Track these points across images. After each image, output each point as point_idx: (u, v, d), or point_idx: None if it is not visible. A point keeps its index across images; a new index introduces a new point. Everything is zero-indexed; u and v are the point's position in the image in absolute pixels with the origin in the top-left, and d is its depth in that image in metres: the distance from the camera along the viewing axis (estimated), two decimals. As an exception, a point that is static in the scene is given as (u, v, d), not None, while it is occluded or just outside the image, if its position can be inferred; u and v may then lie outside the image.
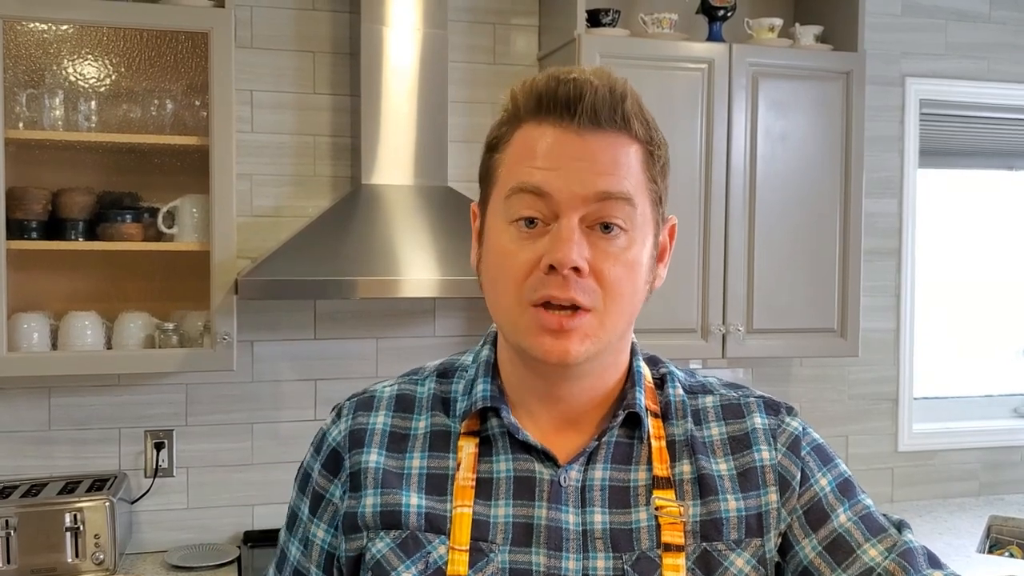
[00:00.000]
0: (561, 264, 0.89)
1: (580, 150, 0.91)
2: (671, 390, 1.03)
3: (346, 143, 2.83)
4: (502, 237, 0.94)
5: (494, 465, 0.98)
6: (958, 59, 3.37)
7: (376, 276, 2.45)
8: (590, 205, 0.91)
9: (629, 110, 0.94)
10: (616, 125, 0.93)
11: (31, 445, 2.65)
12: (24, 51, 2.52)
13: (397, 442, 1.01)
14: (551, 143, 0.92)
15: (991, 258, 3.64)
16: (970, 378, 3.62)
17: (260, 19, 2.77)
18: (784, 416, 1.03)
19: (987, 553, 3.01)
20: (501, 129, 0.97)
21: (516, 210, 0.92)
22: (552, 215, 0.91)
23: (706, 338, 2.79)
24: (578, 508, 0.95)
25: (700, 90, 2.76)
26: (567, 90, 0.92)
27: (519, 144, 0.94)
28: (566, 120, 0.92)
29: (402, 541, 0.96)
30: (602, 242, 0.91)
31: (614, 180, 0.91)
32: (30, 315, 2.45)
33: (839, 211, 2.89)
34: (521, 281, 0.92)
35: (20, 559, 2.35)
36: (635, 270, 0.93)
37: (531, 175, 0.92)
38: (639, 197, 0.93)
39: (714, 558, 0.95)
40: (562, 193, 0.90)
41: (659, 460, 0.98)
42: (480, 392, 0.99)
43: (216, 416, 2.78)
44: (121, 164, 2.64)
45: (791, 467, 0.99)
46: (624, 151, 0.93)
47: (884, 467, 3.37)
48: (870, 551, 0.95)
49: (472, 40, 2.93)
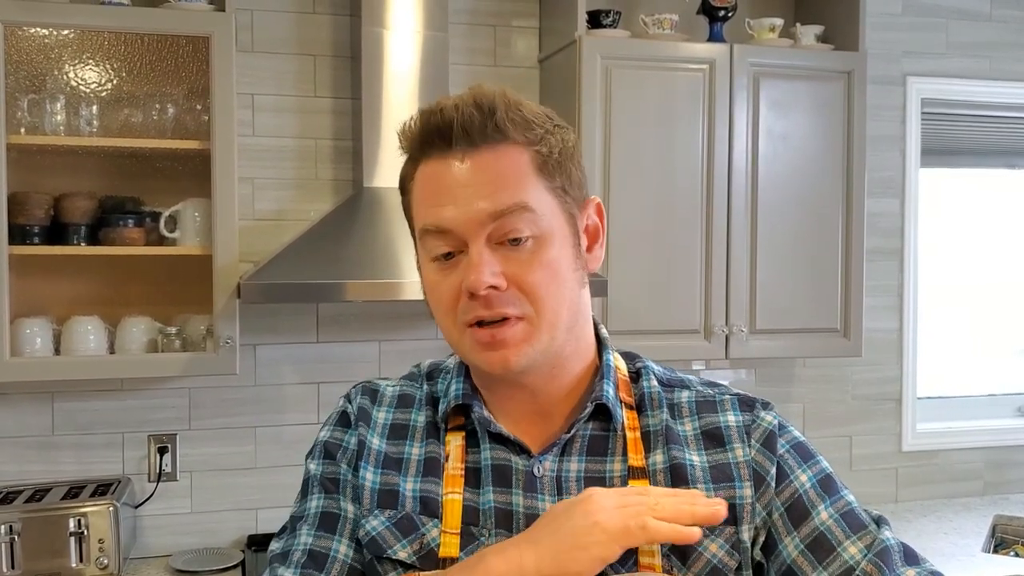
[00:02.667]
0: (475, 288, 0.94)
1: (464, 176, 0.96)
2: (646, 382, 1.06)
3: (347, 146, 2.83)
4: (429, 273, 1.00)
5: (480, 455, 1.02)
6: (959, 58, 3.37)
7: (378, 279, 2.45)
8: (488, 226, 0.95)
9: (502, 119, 0.96)
10: (492, 139, 0.96)
11: (34, 450, 2.65)
12: (25, 56, 2.52)
13: (397, 432, 1.06)
14: (441, 177, 0.97)
15: (994, 257, 3.63)
16: (974, 377, 3.61)
17: (261, 23, 2.77)
18: (759, 412, 1.04)
19: (992, 553, 3.00)
20: (404, 170, 1.03)
21: (431, 249, 0.98)
22: (462, 244, 0.96)
23: (709, 339, 2.79)
24: (555, 496, 0.99)
25: (701, 91, 2.76)
26: (437, 120, 0.97)
27: (419, 184, 1.00)
28: (446, 150, 0.96)
29: (398, 521, 1.00)
30: (513, 253, 0.95)
31: (505, 195, 0.95)
32: (33, 320, 2.46)
33: (841, 211, 2.89)
34: (452, 308, 0.97)
35: (24, 564, 2.35)
36: (554, 267, 0.97)
37: (430, 216, 0.97)
38: (537, 200, 0.96)
39: (688, 544, 0.96)
40: (459, 225, 0.95)
41: (634, 451, 1.01)
42: (454, 391, 1.05)
43: (219, 420, 2.78)
44: (123, 168, 2.64)
45: (765, 463, 1.01)
46: (510, 161, 0.96)
47: (888, 467, 3.36)
48: (850, 548, 0.96)
49: (473, 43, 2.93)
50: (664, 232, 2.74)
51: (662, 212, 2.73)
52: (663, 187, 2.70)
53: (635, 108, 2.70)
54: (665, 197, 2.71)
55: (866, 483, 3.30)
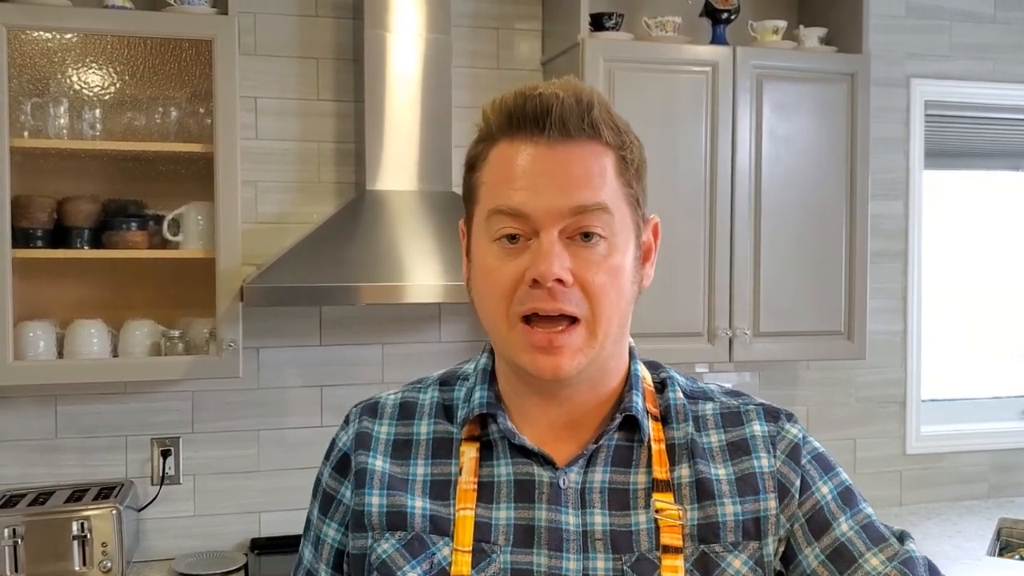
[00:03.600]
0: (544, 277, 0.91)
1: (552, 164, 0.94)
2: (671, 394, 1.05)
3: (350, 149, 2.83)
4: (487, 255, 0.97)
5: (495, 469, 1.00)
6: (963, 60, 3.36)
7: (381, 282, 2.45)
8: (567, 219, 0.93)
9: (597, 117, 0.95)
10: (586, 134, 0.95)
11: (38, 453, 2.64)
12: (29, 60, 2.52)
13: (400, 449, 1.03)
14: (524, 161, 0.94)
15: (998, 259, 3.62)
16: (978, 380, 3.60)
17: (263, 26, 2.77)
18: (784, 423, 1.04)
19: (997, 556, 2.99)
20: (477, 148, 1.00)
21: (496, 229, 0.95)
22: (532, 231, 0.94)
23: (712, 342, 2.78)
24: (578, 509, 0.97)
25: (704, 93, 2.75)
26: (535, 104, 0.95)
27: (494, 163, 0.97)
28: (536, 134, 0.94)
29: (407, 542, 0.98)
30: (583, 251, 0.94)
31: (588, 192, 0.93)
32: (36, 323, 2.46)
33: (845, 213, 2.88)
34: (508, 296, 0.95)
35: (28, 568, 2.34)
36: (619, 275, 0.96)
37: (508, 197, 0.94)
38: (615, 204, 0.96)
39: (712, 560, 0.96)
40: (539, 212, 0.93)
41: (659, 463, 0.99)
42: (478, 399, 1.02)
43: (222, 423, 2.78)
44: (126, 172, 2.64)
45: (790, 474, 1.00)
46: (597, 159, 0.95)
47: (892, 470, 3.35)
48: (872, 560, 0.96)
49: (475, 45, 2.93)
50: (667, 234, 2.67)
51: (665, 214, 2.68)
52: (666, 189, 2.69)
53: (638, 110, 2.69)
54: (668, 199, 2.70)
55: (870, 486, 3.29)
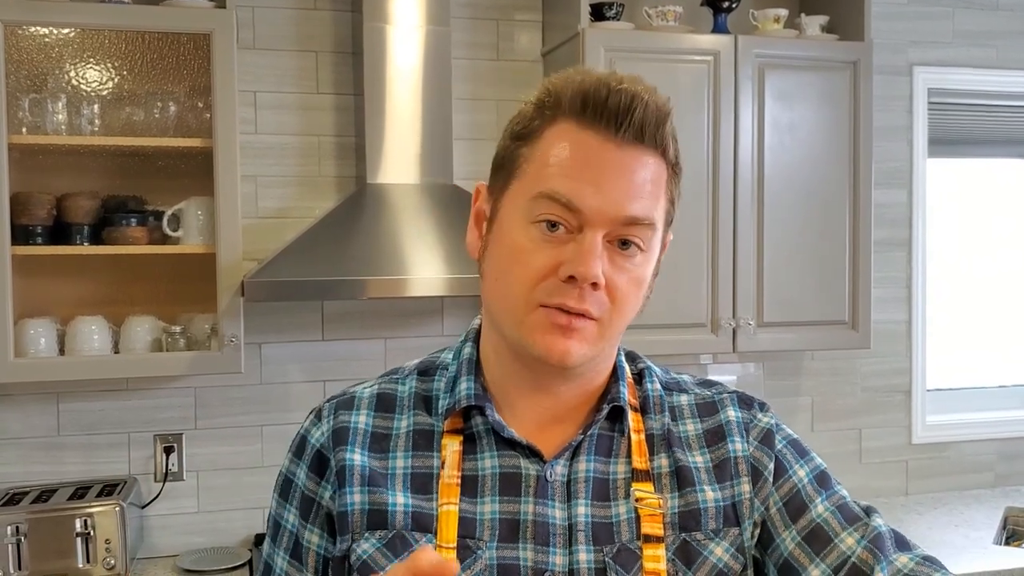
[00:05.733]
0: (584, 278, 0.89)
1: (618, 166, 0.90)
2: (649, 385, 1.05)
3: (350, 143, 2.81)
4: (520, 234, 0.92)
5: (479, 462, 0.97)
6: (966, 47, 3.34)
7: (383, 276, 2.44)
8: (617, 225, 0.91)
9: (668, 131, 0.93)
10: (656, 144, 0.92)
11: (40, 451, 2.64)
12: (26, 56, 2.51)
13: (379, 442, 0.99)
14: (590, 154, 0.90)
15: (1003, 247, 3.60)
16: (984, 369, 3.59)
17: (262, 19, 2.76)
18: (756, 411, 1.05)
19: (1004, 545, 2.98)
20: (533, 121, 0.94)
21: (539, 212, 0.91)
22: (577, 226, 0.90)
23: (716, 332, 2.77)
24: (564, 502, 0.96)
25: (706, 83, 2.74)
26: (618, 99, 0.90)
27: (552, 143, 0.92)
28: (610, 130, 0.90)
29: (388, 541, 0.95)
30: (619, 258, 0.92)
31: (646, 205, 0.92)
32: (37, 321, 2.45)
33: (848, 202, 2.87)
34: (535, 282, 0.91)
35: (31, 565, 2.34)
36: (642, 287, 0.96)
37: (565, 186, 0.90)
38: (658, 219, 0.94)
39: (693, 548, 0.96)
40: (592, 211, 0.90)
41: (638, 453, 0.99)
42: (464, 390, 0.99)
43: (225, 419, 2.77)
44: (125, 168, 2.63)
45: (763, 459, 1.01)
46: (658, 172, 0.93)
47: (898, 460, 3.34)
48: (847, 539, 0.97)
49: (475, 37, 2.92)
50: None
51: (668, 205, 2.71)
52: (668, 180, 2.68)
53: (639, 101, 2.68)
54: (671, 190, 2.69)
55: (876, 476, 3.29)
